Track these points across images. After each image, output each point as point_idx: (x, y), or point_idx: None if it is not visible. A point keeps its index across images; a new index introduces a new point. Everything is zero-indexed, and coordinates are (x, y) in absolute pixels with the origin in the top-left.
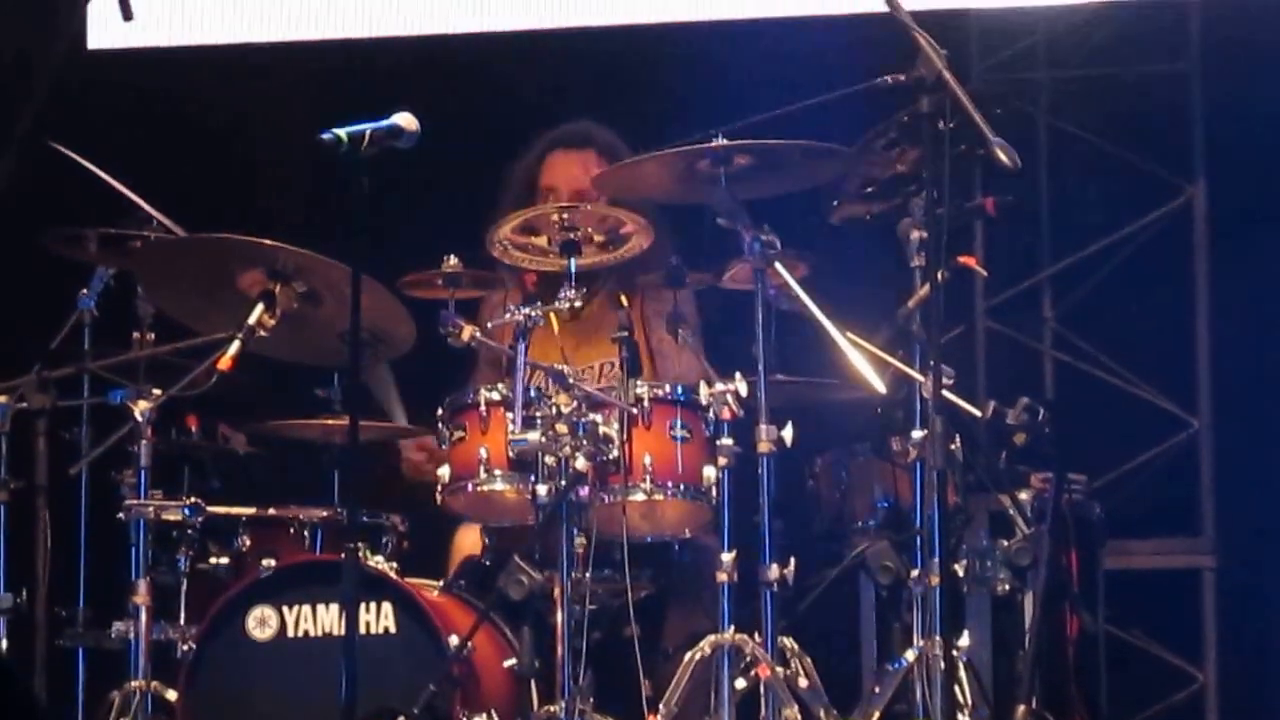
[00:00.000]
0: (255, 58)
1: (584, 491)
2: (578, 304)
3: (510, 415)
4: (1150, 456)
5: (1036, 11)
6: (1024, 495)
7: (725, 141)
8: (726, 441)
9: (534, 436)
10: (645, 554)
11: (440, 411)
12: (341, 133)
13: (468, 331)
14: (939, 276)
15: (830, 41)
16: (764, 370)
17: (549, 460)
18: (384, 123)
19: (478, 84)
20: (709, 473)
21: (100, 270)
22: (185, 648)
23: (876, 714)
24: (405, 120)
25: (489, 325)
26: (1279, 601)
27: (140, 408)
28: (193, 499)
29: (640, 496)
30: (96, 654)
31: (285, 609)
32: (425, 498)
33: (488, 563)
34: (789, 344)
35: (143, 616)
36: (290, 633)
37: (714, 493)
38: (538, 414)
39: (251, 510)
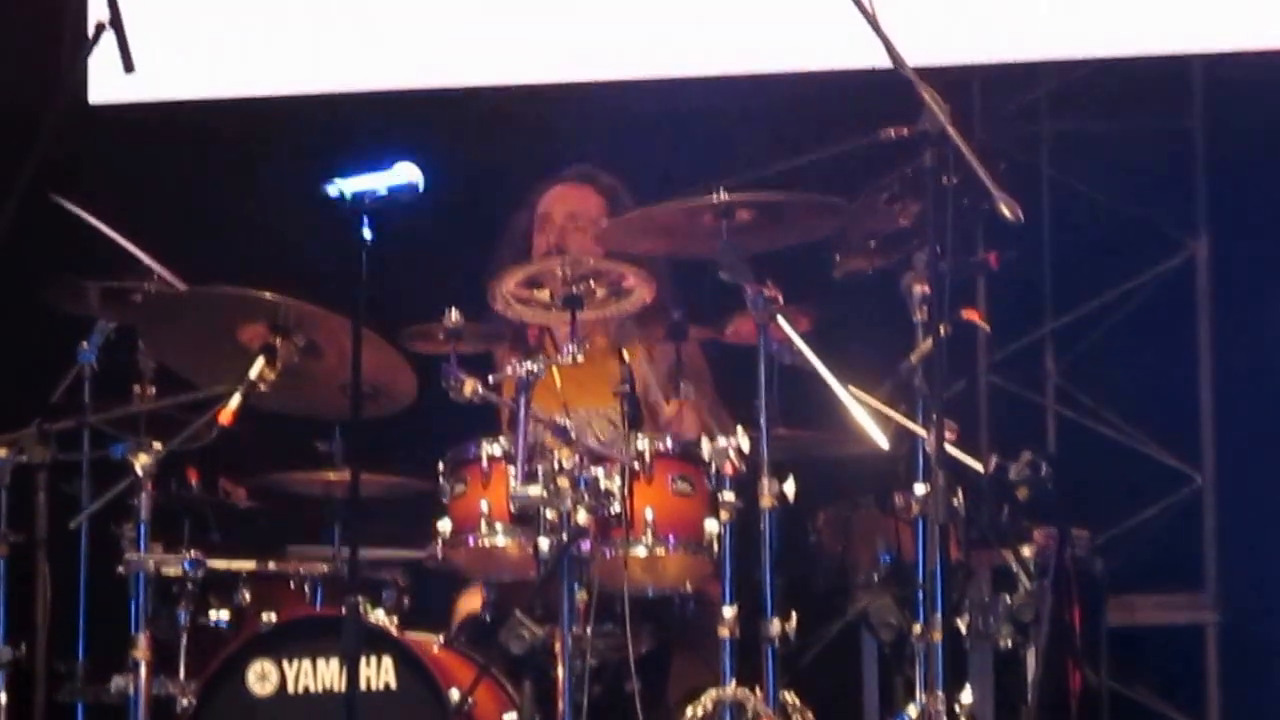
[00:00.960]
0: (256, 111)
1: (585, 545)
2: (580, 358)
3: (511, 469)
4: (1153, 512)
5: (1040, 66)
6: (1027, 550)
7: (727, 195)
8: (728, 495)
9: (535, 490)
10: (647, 608)
11: (441, 465)
12: (344, 184)
13: (469, 385)
14: (941, 330)
15: (834, 95)
16: (766, 424)
17: (550, 514)
18: (386, 174)
19: (481, 137)
20: (711, 527)
21: (101, 323)
22: (185, 702)
23: None
24: (408, 171)
25: (490, 379)
26: None
27: (141, 461)
28: (193, 553)
29: (642, 550)
30: (96, 708)
31: (286, 663)
32: None
33: (488, 617)
34: (791, 398)
35: (142, 671)
36: (291, 688)
37: (715, 547)
38: (539, 468)
39: (252, 564)
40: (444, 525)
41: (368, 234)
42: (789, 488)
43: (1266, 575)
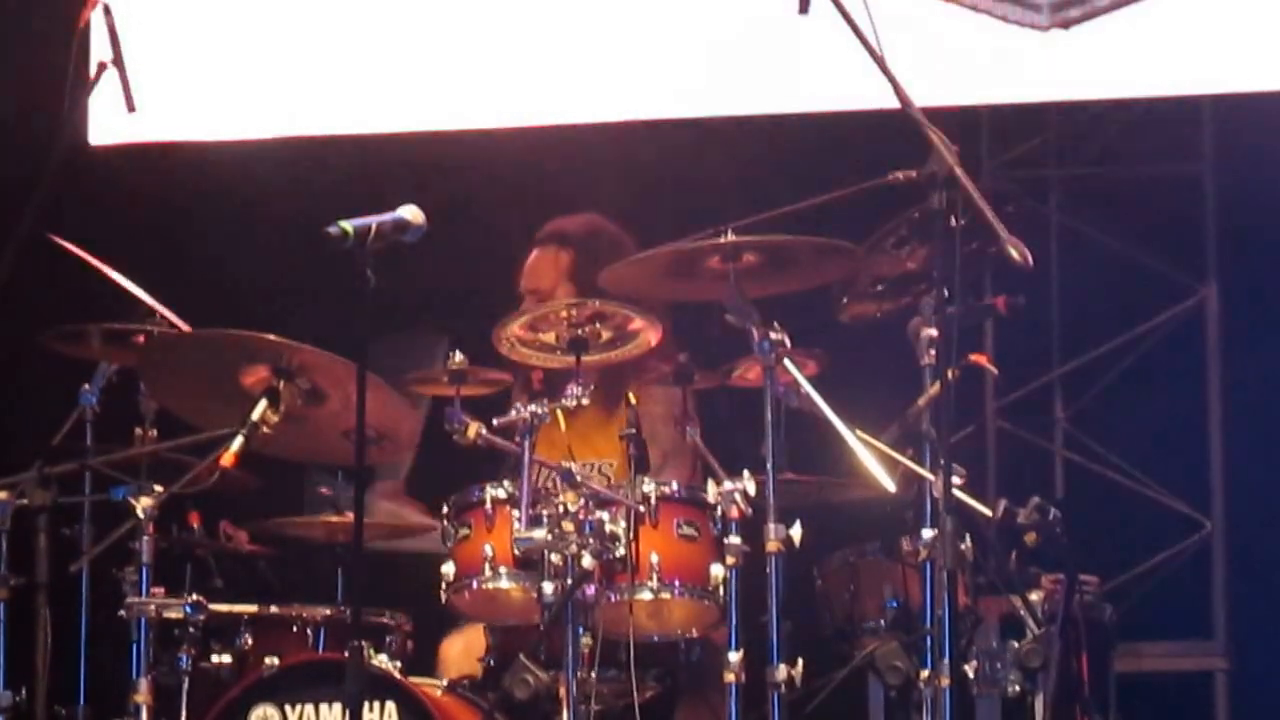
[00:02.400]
0: (258, 152)
1: (590, 590)
2: (584, 401)
3: (516, 513)
4: (1162, 558)
5: (1048, 109)
6: (1035, 596)
7: (734, 237)
8: (734, 540)
9: (540, 534)
10: (652, 654)
11: (445, 509)
12: (347, 226)
13: (473, 429)
14: (949, 375)
15: (841, 137)
16: (773, 469)
17: (555, 558)
18: (390, 216)
19: (484, 179)
20: (716, 572)
21: (102, 366)
22: None
23: None
24: (411, 213)
25: (495, 422)
26: None
27: (142, 504)
28: (195, 597)
29: (647, 595)
30: None
31: (288, 708)
32: None
33: (492, 662)
34: (798, 442)
35: (144, 716)
36: None
37: (721, 592)
38: (544, 512)
39: (254, 608)
40: (447, 569)
41: (371, 275)
42: (795, 532)
43: (1276, 622)
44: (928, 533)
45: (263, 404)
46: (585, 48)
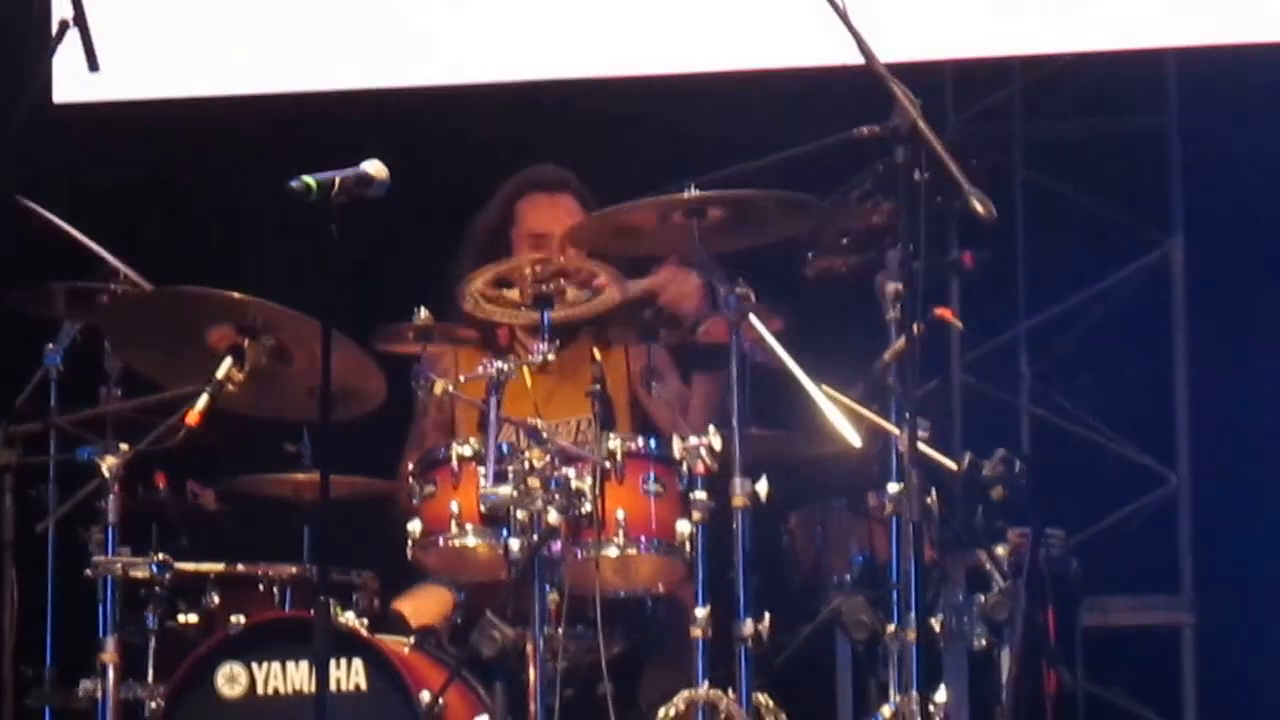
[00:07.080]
0: (221, 110)
1: (556, 547)
2: (550, 357)
3: (482, 470)
4: (1128, 512)
5: (1013, 63)
6: (1001, 550)
7: (698, 193)
8: (700, 496)
9: (505, 491)
10: (619, 610)
11: (410, 466)
12: (311, 180)
13: (439, 386)
14: (915, 330)
15: (805, 93)
16: (739, 424)
17: (521, 515)
18: (353, 170)
19: (447, 136)
20: (683, 527)
21: (67, 325)
22: (154, 706)
23: None
24: (375, 168)
25: (461, 379)
26: (1258, 658)
27: (108, 464)
28: (161, 556)
29: (613, 551)
30: (64, 714)
31: (255, 666)
32: None
33: (459, 620)
34: (764, 397)
35: (111, 675)
36: (260, 690)
37: (688, 548)
38: (510, 468)
39: (220, 567)
40: (414, 526)
41: (335, 229)
42: (761, 488)
43: (1242, 576)
44: (893, 487)
45: (228, 362)
46: (547, 3)
